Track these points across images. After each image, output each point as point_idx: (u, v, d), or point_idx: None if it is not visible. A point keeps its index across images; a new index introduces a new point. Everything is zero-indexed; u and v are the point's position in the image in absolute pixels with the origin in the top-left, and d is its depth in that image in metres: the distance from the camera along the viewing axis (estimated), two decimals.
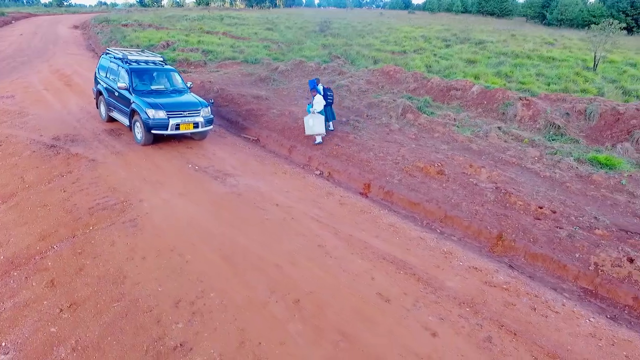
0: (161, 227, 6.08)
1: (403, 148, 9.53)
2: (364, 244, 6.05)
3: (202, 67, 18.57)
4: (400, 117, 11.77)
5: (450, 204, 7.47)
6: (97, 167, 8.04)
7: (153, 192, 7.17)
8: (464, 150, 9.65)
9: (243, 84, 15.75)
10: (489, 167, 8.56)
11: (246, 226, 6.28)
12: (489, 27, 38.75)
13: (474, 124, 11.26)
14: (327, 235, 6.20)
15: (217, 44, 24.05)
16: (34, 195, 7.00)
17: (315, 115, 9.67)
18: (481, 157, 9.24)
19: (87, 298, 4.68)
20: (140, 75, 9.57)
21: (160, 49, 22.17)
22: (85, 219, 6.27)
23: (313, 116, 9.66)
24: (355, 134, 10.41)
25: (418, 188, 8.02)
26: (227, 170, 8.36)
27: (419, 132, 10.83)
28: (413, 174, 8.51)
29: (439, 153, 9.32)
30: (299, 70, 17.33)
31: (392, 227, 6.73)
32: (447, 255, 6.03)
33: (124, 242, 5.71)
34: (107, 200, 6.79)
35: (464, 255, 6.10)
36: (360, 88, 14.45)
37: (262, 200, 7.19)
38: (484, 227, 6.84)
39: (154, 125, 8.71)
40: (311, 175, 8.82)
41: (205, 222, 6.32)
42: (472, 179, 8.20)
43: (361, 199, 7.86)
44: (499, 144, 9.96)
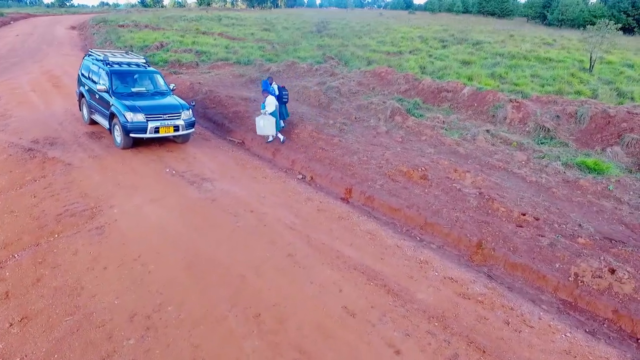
0: (128, 235, 5.90)
1: (388, 151, 9.31)
2: (336, 252, 5.84)
3: (193, 69, 18.40)
4: (388, 120, 11.56)
5: (431, 210, 7.26)
6: (72, 172, 7.87)
7: (125, 197, 6.99)
8: (450, 154, 9.43)
9: (233, 85, 15.58)
10: (474, 172, 8.34)
11: (216, 234, 6.08)
12: (488, 28, 38.45)
13: (462, 127, 11.03)
14: (299, 243, 5.99)
15: (212, 44, 23.89)
16: (2, 200, 6.82)
17: (267, 116, 9.66)
18: (467, 161, 9.01)
19: (40, 311, 4.49)
20: (120, 78, 9.39)
21: (153, 50, 22.04)
22: (51, 226, 6.09)
23: (264, 117, 9.66)
24: (341, 137, 10.20)
25: (400, 193, 7.80)
26: (205, 175, 8.17)
27: (406, 135, 10.62)
28: (396, 178, 8.30)
29: (424, 157, 9.10)
30: (290, 71, 17.14)
31: (369, 235, 6.51)
32: (422, 264, 5.81)
33: (87, 251, 5.53)
34: (77, 206, 6.61)
35: (441, 264, 5.88)
36: (350, 90, 14.25)
37: (236, 206, 6.99)
38: (464, 234, 6.62)
39: (132, 128, 8.53)
40: (293, 180, 8.61)
41: (174, 229, 6.13)
42: (456, 184, 7.98)
43: (341, 205, 7.65)
44: (487, 148, 9.73)
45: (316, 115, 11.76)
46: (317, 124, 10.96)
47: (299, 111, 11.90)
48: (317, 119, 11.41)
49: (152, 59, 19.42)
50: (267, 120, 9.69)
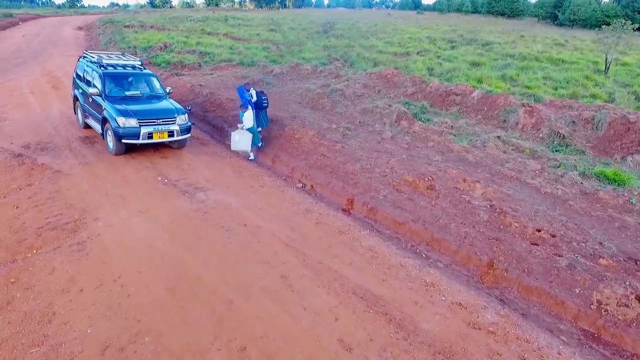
0: (110, 252, 5.47)
1: (393, 159, 8.80)
2: (334, 273, 5.36)
3: (196, 70, 18.02)
4: (394, 124, 11.04)
5: (439, 224, 6.74)
6: (60, 180, 7.48)
7: (112, 209, 6.57)
8: (458, 161, 8.89)
9: (235, 87, 15.11)
10: (485, 182, 7.79)
11: (204, 251, 5.63)
12: (498, 28, 37.67)
13: (472, 133, 10.48)
14: (294, 262, 5.52)
15: (216, 45, 23.53)
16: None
17: (243, 131, 9.16)
18: (477, 170, 8.47)
19: (5, 341, 4.07)
20: (114, 81, 9.01)
21: (157, 50, 21.73)
22: (30, 240, 5.69)
23: (240, 132, 9.16)
24: (344, 142, 9.71)
25: (404, 205, 7.30)
26: (198, 184, 7.74)
27: (412, 140, 10.09)
28: (401, 188, 7.79)
29: (431, 165, 8.57)
30: (294, 73, 16.68)
31: (371, 252, 6.02)
32: (428, 287, 5.31)
33: (65, 269, 5.11)
34: (60, 218, 6.21)
35: (449, 287, 5.37)
36: (355, 92, 13.74)
37: (229, 219, 6.53)
38: (473, 252, 6.10)
39: (125, 134, 8.13)
40: (292, 189, 8.15)
41: (160, 245, 5.69)
42: (465, 195, 7.45)
43: (342, 217, 7.16)
44: (498, 155, 9.18)
45: (319, 119, 11.28)
46: (320, 128, 10.48)
47: (300, 115, 11.43)
48: (320, 123, 10.92)
49: (155, 60, 19.11)
50: (242, 135, 9.15)
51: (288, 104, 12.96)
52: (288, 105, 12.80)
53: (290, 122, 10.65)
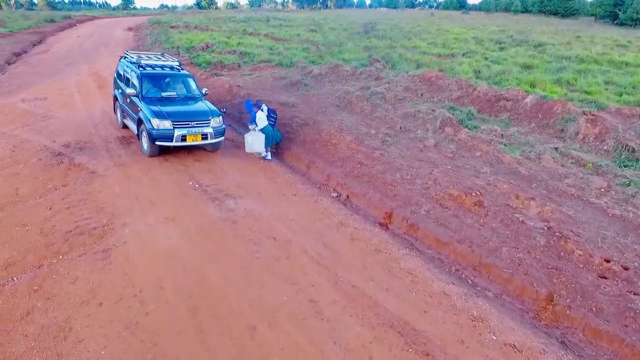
0: (134, 262, 5.22)
1: (436, 169, 8.10)
2: (369, 300, 4.81)
3: (235, 70, 17.96)
4: (437, 131, 10.29)
5: (488, 247, 6.02)
6: (94, 181, 7.41)
7: (140, 214, 6.36)
8: (510, 174, 8.05)
9: (273, 88, 14.87)
10: (541, 200, 6.94)
11: (230, 266, 5.26)
12: (550, 28, 35.34)
13: (525, 142, 9.53)
14: (325, 285, 5.02)
15: (257, 46, 23.48)
16: (19, 211, 6.44)
17: (256, 133, 8.91)
18: (531, 185, 7.60)
19: (19, 357, 3.86)
20: (151, 81, 8.91)
21: (199, 50, 21.94)
22: (58, 245, 5.56)
23: (253, 134, 8.91)
24: (383, 149, 9.10)
25: (449, 223, 6.61)
26: (229, 190, 7.42)
27: (457, 149, 9.31)
28: (445, 203, 7.10)
29: (479, 178, 7.80)
30: (333, 74, 16.18)
31: (411, 276, 5.42)
32: (476, 322, 4.65)
33: (87, 279, 4.90)
34: (89, 222, 6.06)
35: (500, 323, 4.68)
36: (396, 96, 13.05)
37: (258, 230, 6.14)
38: (529, 282, 5.35)
39: (158, 136, 7.97)
40: (326, 198, 7.66)
41: (185, 257, 5.37)
42: (519, 214, 6.65)
43: (379, 233, 6.59)
44: (555, 169, 8.23)
45: (357, 123, 10.73)
46: (358, 133, 9.92)
47: (337, 118, 10.92)
48: (358, 128, 10.37)
49: (196, 60, 19.27)
50: (255, 137, 8.94)
51: (326, 106, 12.48)
52: (326, 108, 12.32)
53: (327, 126, 10.17)
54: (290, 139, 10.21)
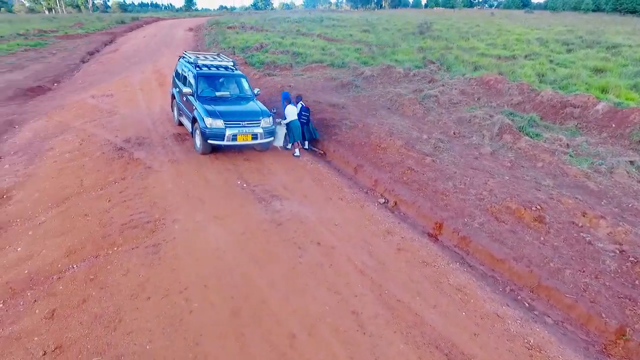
0: (181, 259, 5.33)
1: (492, 179, 7.60)
2: (414, 317, 4.56)
3: (287, 70, 18.13)
4: (495, 138, 9.68)
5: (549, 268, 5.51)
6: (149, 176, 7.73)
7: (190, 211, 6.52)
8: (576, 189, 7.36)
9: (324, 89, 14.80)
10: (612, 219, 6.27)
11: (274, 269, 5.22)
12: (627, 28, 32.37)
13: (594, 154, 8.70)
14: (369, 296, 4.83)
15: (309, 46, 23.60)
16: (82, 202, 6.85)
17: (279, 126, 9.37)
18: (601, 202, 6.90)
19: (74, 342, 4.05)
20: (206, 81, 9.16)
21: (253, 50, 22.44)
22: (114, 237, 5.83)
23: (278, 127, 9.36)
24: (435, 156, 8.70)
25: (505, 238, 6.15)
26: (276, 191, 7.42)
27: (516, 159, 8.69)
28: (501, 217, 6.62)
29: (540, 190, 7.21)
30: (385, 76, 15.84)
31: (460, 293, 5.09)
32: (533, 352, 4.24)
33: (138, 272, 5.07)
34: (142, 216, 6.31)
35: (560, 354, 4.25)
36: (451, 99, 12.48)
37: (303, 234, 6.06)
38: (596, 312, 4.82)
39: (211, 134, 8.16)
40: (373, 204, 7.45)
41: (230, 257, 5.41)
42: (585, 233, 6.04)
43: (427, 244, 6.27)
44: (630, 185, 7.42)
45: (408, 127, 10.37)
46: (409, 138, 9.58)
47: (388, 121, 10.62)
48: (409, 132, 10.01)
49: (250, 60, 19.70)
50: (279, 130, 9.38)
51: (376, 109, 12.21)
52: (376, 110, 12.05)
53: (376, 129, 9.92)
54: (339, 141, 10.08)
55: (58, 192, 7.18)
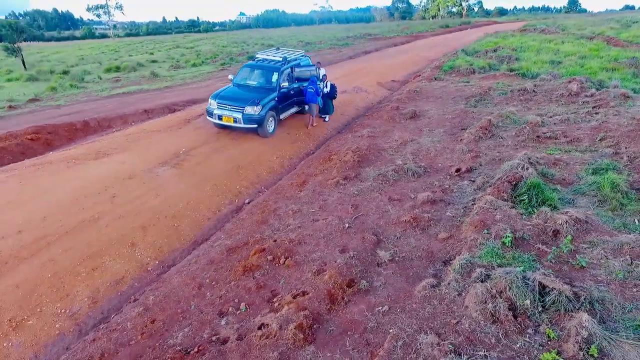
0: None
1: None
2: None
3: (463, 76, 15.71)
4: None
5: None
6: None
7: None
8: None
9: (445, 103, 12.36)
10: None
11: None
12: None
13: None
14: None
15: (557, 52, 18.48)
16: None
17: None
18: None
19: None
20: (244, 71, 10.74)
21: (481, 54, 20.10)
22: None
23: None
24: None
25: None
26: None
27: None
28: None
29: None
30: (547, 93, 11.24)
31: None
32: None
33: None
34: None
35: None
36: None
37: None
38: None
39: (207, 111, 9.79)
40: None
41: None
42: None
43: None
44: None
45: None
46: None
47: None
48: None
49: (445, 63, 18.24)
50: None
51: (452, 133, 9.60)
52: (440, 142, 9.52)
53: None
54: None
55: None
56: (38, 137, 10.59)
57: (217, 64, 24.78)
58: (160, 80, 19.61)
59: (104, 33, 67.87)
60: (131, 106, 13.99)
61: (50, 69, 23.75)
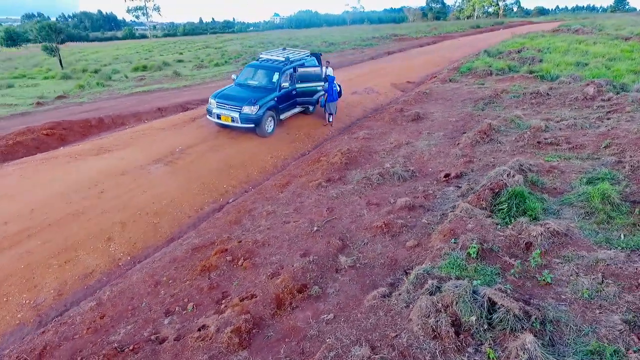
0: None
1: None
2: None
3: (479, 78, 15.10)
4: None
5: None
6: None
7: None
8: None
9: (463, 103, 11.94)
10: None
11: None
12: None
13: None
14: None
15: (582, 53, 17.44)
16: None
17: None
18: None
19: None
20: (247, 71, 10.77)
21: (503, 55, 19.31)
22: None
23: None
24: None
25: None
26: None
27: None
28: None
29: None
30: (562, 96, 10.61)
31: None
32: None
33: None
34: None
35: None
36: None
37: None
38: None
39: (207, 110, 9.96)
40: None
41: None
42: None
43: None
44: None
45: None
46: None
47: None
48: None
49: (464, 65, 17.64)
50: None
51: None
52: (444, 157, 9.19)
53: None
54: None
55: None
56: (53, 132, 11.04)
57: (239, 63, 25.10)
58: (181, 80, 20.11)
59: (144, 34, 70.35)
60: (147, 104, 14.38)
61: (83, 67, 24.87)
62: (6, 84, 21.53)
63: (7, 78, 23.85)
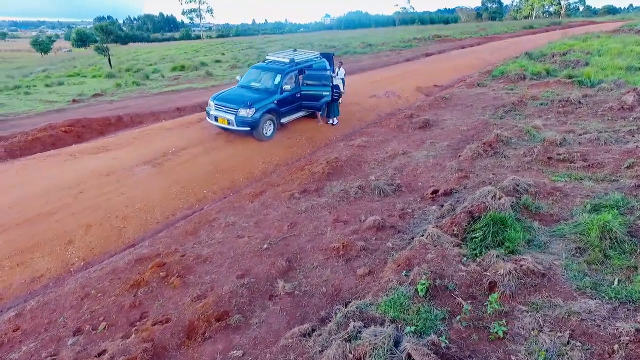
0: None
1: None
2: None
3: (511, 83, 13.77)
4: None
5: None
6: None
7: None
8: None
9: (483, 110, 10.89)
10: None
11: None
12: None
13: None
14: None
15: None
16: None
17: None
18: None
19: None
20: (251, 73, 10.45)
21: (545, 58, 17.63)
22: None
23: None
24: None
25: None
26: None
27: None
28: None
29: None
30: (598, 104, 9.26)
31: None
32: None
33: None
34: None
35: None
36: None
37: None
38: None
39: (206, 112, 9.79)
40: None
41: None
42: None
43: None
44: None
45: None
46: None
47: None
48: None
49: (497, 68, 16.25)
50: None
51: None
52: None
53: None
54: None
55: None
56: (71, 129, 11.39)
57: None
58: (212, 80, 20.35)
59: (199, 35, 73.13)
60: (171, 103, 14.57)
61: (128, 67, 26.03)
62: (58, 81, 23.04)
63: (63, 76, 25.55)
